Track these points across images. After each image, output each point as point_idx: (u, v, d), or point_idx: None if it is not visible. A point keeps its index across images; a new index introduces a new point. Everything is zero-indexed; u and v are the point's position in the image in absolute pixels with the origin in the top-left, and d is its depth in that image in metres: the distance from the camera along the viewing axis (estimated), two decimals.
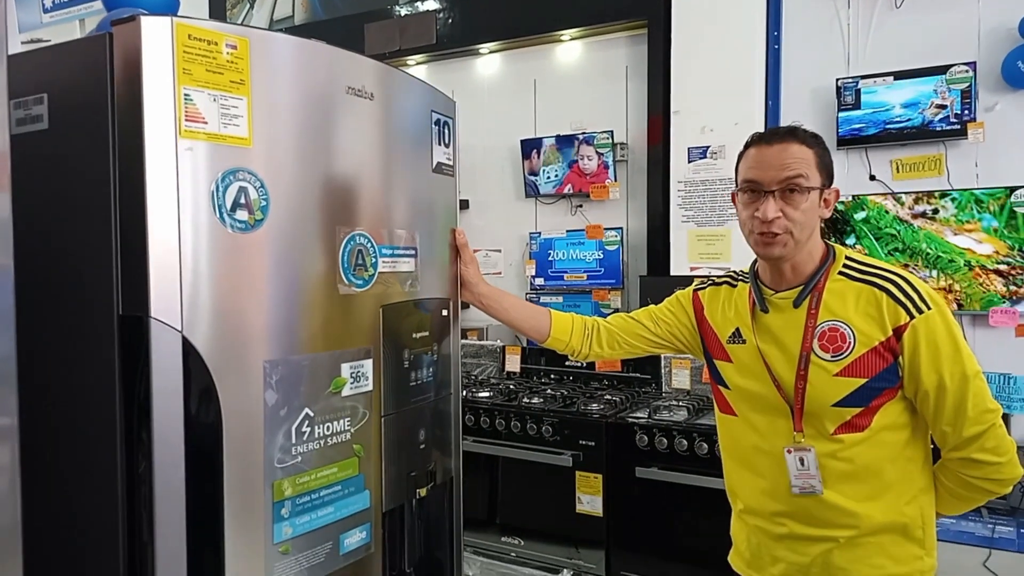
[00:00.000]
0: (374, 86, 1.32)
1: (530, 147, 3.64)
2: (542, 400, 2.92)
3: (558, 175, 3.59)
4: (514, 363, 3.46)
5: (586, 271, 3.54)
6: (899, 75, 2.81)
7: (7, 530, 0.83)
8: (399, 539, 1.43)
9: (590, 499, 2.70)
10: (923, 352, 1.29)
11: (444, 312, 1.55)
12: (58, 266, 1.11)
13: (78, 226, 1.09)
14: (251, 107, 1.11)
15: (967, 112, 2.71)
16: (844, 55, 2.99)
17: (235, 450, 1.10)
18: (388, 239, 1.37)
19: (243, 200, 1.10)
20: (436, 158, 1.52)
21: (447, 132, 1.56)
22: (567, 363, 3.37)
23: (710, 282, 1.61)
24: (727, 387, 1.49)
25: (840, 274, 1.38)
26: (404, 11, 3.89)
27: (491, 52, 3.82)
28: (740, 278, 1.54)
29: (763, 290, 1.45)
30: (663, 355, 3.04)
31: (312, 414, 1.21)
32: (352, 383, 1.28)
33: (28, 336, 0.90)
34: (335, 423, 1.25)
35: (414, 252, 1.44)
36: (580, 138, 3.50)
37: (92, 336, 1.07)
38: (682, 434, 2.54)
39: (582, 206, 3.63)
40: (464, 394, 2.86)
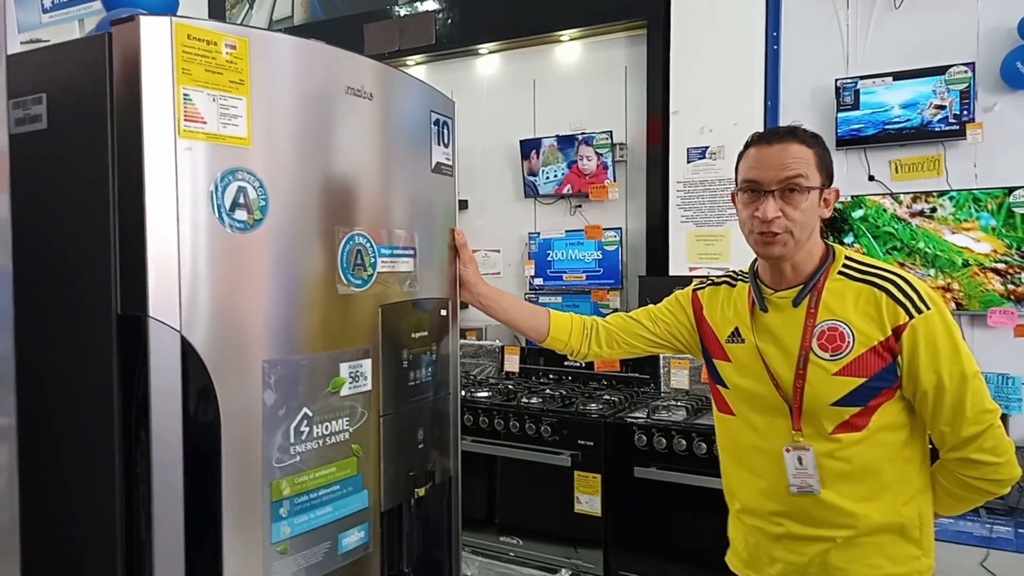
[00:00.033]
0: (373, 86, 1.32)
1: (529, 147, 3.64)
2: (541, 400, 2.92)
3: (557, 175, 3.59)
4: (513, 363, 3.46)
5: (585, 271, 3.54)
6: (898, 75, 2.81)
7: (5, 529, 0.83)
8: (397, 539, 1.43)
9: (589, 499, 2.70)
10: (922, 352, 1.30)
11: (443, 312, 1.55)
12: (57, 266, 1.11)
13: (77, 226, 1.09)
14: (250, 107, 1.11)
15: (966, 113, 2.71)
16: (843, 55, 2.99)
17: (233, 450, 1.10)
18: (387, 239, 1.37)
19: (242, 200, 1.10)
20: (435, 158, 1.52)
21: (446, 132, 1.56)
22: (566, 363, 3.37)
23: (709, 282, 1.61)
24: (726, 387, 1.49)
25: (840, 274, 1.39)
26: (403, 11, 3.89)
27: (490, 52, 3.82)
28: (739, 278, 1.54)
29: (763, 289, 1.45)
30: (662, 355, 3.04)
31: (311, 414, 1.21)
32: (351, 383, 1.28)
33: (27, 336, 0.89)
34: (334, 423, 1.25)
35: (413, 252, 1.44)
36: (579, 138, 3.50)
37: (91, 336, 1.07)
38: (681, 434, 2.54)
39: (581, 206, 3.63)
40: (463, 394, 2.86)
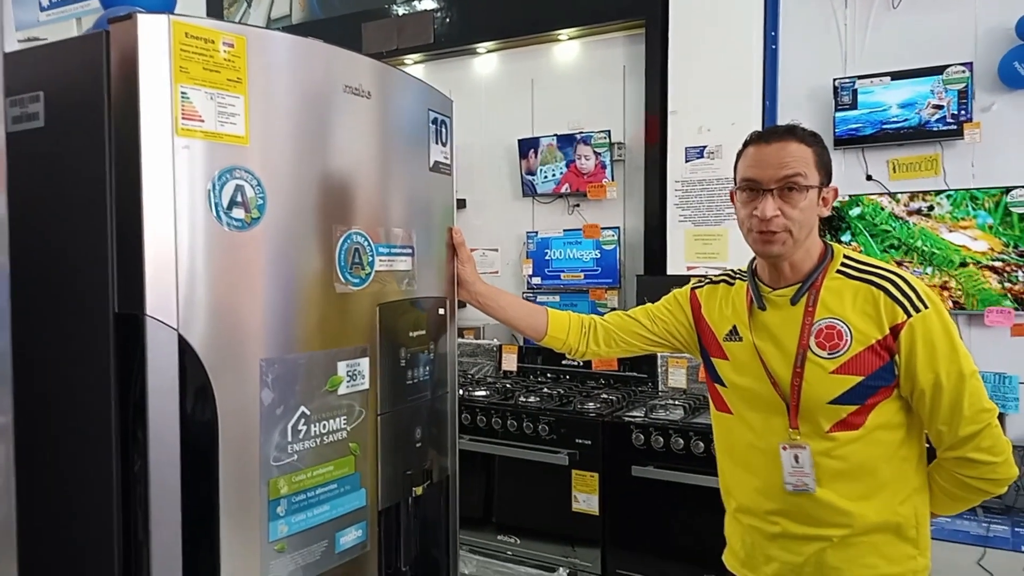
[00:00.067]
0: (371, 85, 1.32)
1: (527, 146, 3.64)
2: (538, 399, 2.91)
3: (555, 174, 3.59)
4: (511, 362, 3.46)
5: (583, 270, 3.54)
6: (896, 75, 2.82)
7: (2, 528, 0.83)
8: (395, 537, 1.43)
9: (586, 498, 2.70)
10: (920, 351, 1.30)
11: (441, 311, 1.55)
12: (54, 264, 1.11)
13: (74, 224, 1.09)
14: (248, 105, 1.11)
15: (964, 112, 2.71)
16: (841, 55, 2.99)
17: (231, 448, 1.10)
18: (385, 238, 1.37)
19: (239, 198, 1.10)
20: (433, 157, 1.52)
21: (444, 131, 1.56)
22: (563, 362, 3.36)
23: (707, 280, 1.61)
24: (723, 385, 1.49)
25: (838, 272, 1.39)
26: (402, 10, 3.88)
27: (488, 51, 3.82)
28: (738, 276, 1.54)
29: (761, 288, 1.45)
30: (660, 354, 3.05)
31: (308, 412, 1.21)
32: (348, 381, 1.28)
33: (24, 334, 0.89)
34: (331, 421, 1.25)
35: (411, 251, 1.44)
36: (577, 138, 3.50)
37: (88, 334, 1.07)
38: (678, 433, 2.54)
39: (579, 205, 3.63)
40: (460, 393, 2.85)
